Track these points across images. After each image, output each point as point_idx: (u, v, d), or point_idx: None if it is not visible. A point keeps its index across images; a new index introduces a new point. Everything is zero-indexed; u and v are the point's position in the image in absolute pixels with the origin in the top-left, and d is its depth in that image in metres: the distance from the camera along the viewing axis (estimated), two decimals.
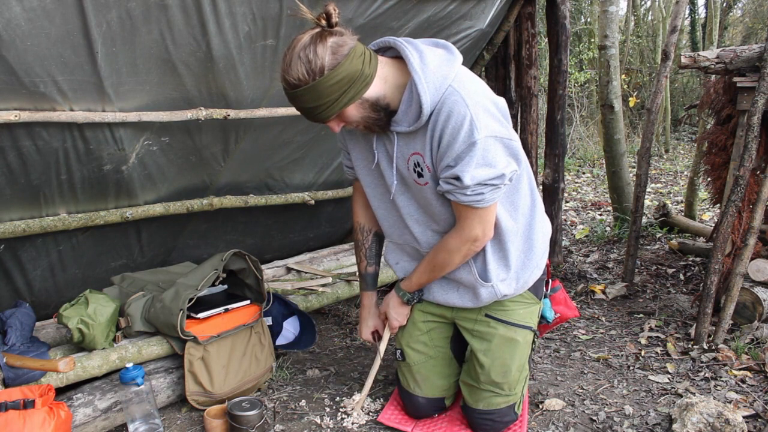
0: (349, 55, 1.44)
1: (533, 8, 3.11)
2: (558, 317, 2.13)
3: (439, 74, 1.51)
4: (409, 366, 1.97)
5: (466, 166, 1.49)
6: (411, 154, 1.63)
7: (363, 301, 2.07)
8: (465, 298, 1.84)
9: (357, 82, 1.47)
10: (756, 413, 1.98)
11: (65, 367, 1.71)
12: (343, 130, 1.81)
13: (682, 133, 9.88)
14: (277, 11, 1.97)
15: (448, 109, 1.49)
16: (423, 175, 1.63)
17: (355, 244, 2.04)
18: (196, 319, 2.07)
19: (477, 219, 1.61)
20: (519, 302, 1.87)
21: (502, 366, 1.83)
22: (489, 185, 1.53)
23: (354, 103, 1.51)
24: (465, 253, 1.70)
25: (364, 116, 1.56)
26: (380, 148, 1.72)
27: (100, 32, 1.70)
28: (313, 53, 1.41)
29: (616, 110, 4.39)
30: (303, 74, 1.42)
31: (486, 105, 1.53)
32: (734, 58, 2.54)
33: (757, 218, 2.43)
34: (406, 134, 1.62)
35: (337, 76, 1.43)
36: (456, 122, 1.48)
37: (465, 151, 1.49)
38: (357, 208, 2.01)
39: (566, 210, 5.49)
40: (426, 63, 1.52)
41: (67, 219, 2.15)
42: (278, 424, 1.99)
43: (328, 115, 1.51)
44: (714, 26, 8.23)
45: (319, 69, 1.41)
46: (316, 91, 1.44)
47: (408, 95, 1.55)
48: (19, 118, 1.74)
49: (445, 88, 1.51)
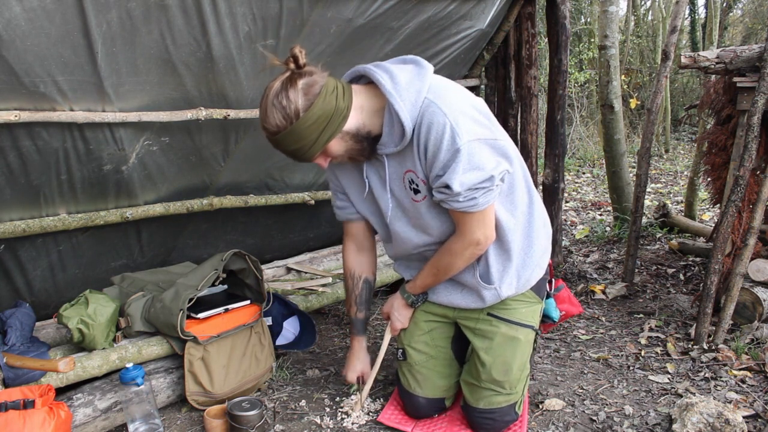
0: (321, 94, 1.48)
1: (533, 8, 3.11)
2: (563, 314, 2.14)
3: (412, 90, 1.53)
4: (410, 365, 1.98)
5: (454, 174, 1.51)
6: (405, 172, 1.65)
7: (353, 345, 2.08)
8: (469, 299, 1.86)
9: (334, 117, 1.51)
10: (756, 413, 1.98)
11: (65, 367, 1.72)
12: (333, 167, 1.84)
13: (682, 133, 9.88)
14: (277, 11, 1.97)
15: (428, 121, 1.51)
16: (420, 191, 1.65)
17: (345, 289, 2.07)
18: (196, 319, 2.07)
19: (476, 223, 1.63)
20: (521, 301, 1.89)
21: (504, 364, 1.84)
22: (480, 188, 1.54)
23: (335, 138, 1.55)
24: (468, 256, 1.71)
25: (347, 149, 1.60)
26: (371, 174, 1.75)
27: (100, 32, 1.70)
28: (286, 98, 1.46)
29: (616, 110, 4.39)
30: (280, 120, 1.48)
31: (464, 110, 1.54)
32: (734, 58, 2.54)
33: (757, 218, 2.43)
34: (396, 155, 1.64)
35: (312, 117, 1.48)
36: (437, 132, 1.50)
37: (450, 159, 1.50)
38: (348, 253, 2.02)
39: (566, 210, 5.49)
40: (397, 82, 1.54)
41: (67, 219, 2.15)
42: (278, 424, 1.99)
43: (312, 154, 1.56)
44: (714, 26, 8.23)
45: (294, 113, 1.46)
46: (295, 134, 1.49)
47: (388, 117, 1.57)
48: (19, 118, 1.75)
49: (421, 101, 1.53)
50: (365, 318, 2.06)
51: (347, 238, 2.00)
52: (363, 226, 1.96)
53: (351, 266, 2.01)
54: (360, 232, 1.97)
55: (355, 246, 2.00)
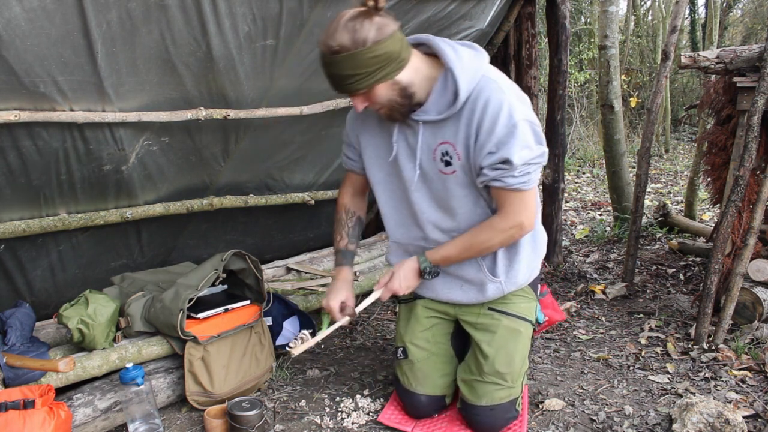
0: (391, 35, 1.50)
1: (533, 8, 3.11)
2: (546, 320, 2.17)
3: (472, 66, 1.60)
4: (411, 363, 1.98)
5: (512, 148, 1.56)
6: (439, 143, 1.68)
7: (340, 275, 1.94)
8: (470, 293, 1.88)
9: (393, 61, 1.52)
10: (756, 413, 1.98)
11: (65, 367, 1.71)
12: (359, 124, 1.86)
13: (682, 133, 9.88)
14: (277, 11, 1.97)
15: (486, 96, 1.57)
16: (451, 164, 1.68)
17: (336, 222, 2.04)
18: (196, 319, 2.07)
19: (522, 205, 1.67)
20: (520, 296, 1.93)
21: (507, 355, 1.86)
22: (533, 164, 1.61)
23: (386, 82, 1.55)
24: (507, 237, 1.73)
25: (390, 99, 1.60)
26: (401, 140, 1.75)
27: (100, 32, 1.70)
28: (360, 25, 1.46)
29: (616, 110, 4.39)
30: (347, 41, 1.46)
31: (517, 93, 1.63)
32: (734, 58, 2.54)
33: (757, 218, 2.43)
34: (434, 123, 1.66)
35: (377, 50, 1.48)
36: (494, 108, 1.56)
37: (507, 135, 1.56)
38: (345, 193, 2.04)
39: (566, 210, 5.49)
40: (460, 56, 1.60)
41: (67, 219, 2.15)
42: (278, 424, 1.99)
43: (361, 87, 1.54)
44: (714, 26, 8.22)
45: (362, 40, 1.46)
46: (355, 59, 1.48)
47: (441, 84, 1.61)
48: (19, 118, 1.74)
49: (479, 77, 1.59)
50: (354, 251, 2.04)
51: (347, 182, 2.04)
52: (363, 180, 1.99)
53: (346, 203, 2.04)
54: (360, 182, 2.01)
55: (352, 190, 2.04)
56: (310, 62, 2.25)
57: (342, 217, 2.03)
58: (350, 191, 2.04)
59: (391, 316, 2.99)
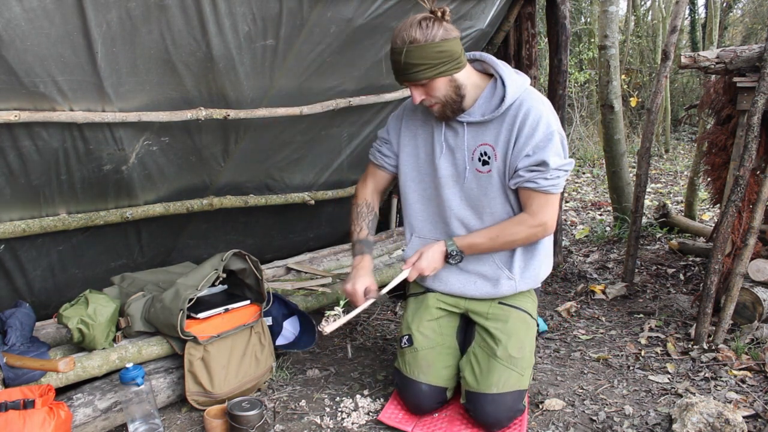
0: (455, 38, 1.74)
1: (533, 8, 3.11)
2: None
3: (519, 80, 1.84)
4: (415, 351, 1.99)
5: (548, 153, 1.77)
6: (479, 144, 1.87)
7: (362, 262, 1.98)
8: (483, 288, 1.99)
9: (454, 60, 1.74)
10: (756, 413, 1.98)
11: (65, 367, 1.72)
12: (404, 123, 2.03)
13: (682, 133, 9.88)
14: (277, 11, 1.97)
15: (528, 105, 1.80)
16: (488, 163, 1.87)
17: (357, 215, 2.12)
18: (196, 319, 2.07)
19: (548, 206, 1.84)
20: (527, 296, 2.05)
21: (519, 341, 1.93)
22: (562, 170, 1.80)
23: (446, 77, 1.76)
24: (531, 234, 1.88)
25: (447, 94, 1.79)
26: (445, 139, 1.92)
27: (100, 32, 1.70)
28: (431, 25, 1.69)
29: (616, 110, 4.39)
30: (418, 35, 1.68)
31: (552, 110, 1.86)
32: (734, 58, 2.54)
33: (757, 218, 2.43)
34: (477, 125, 1.86)
35: (444, 46, 1.70)
36: (535, 116, 1.78)
37: (544, 140, 1.77)
38: (365, 187, 2.15)
39: (566, 210, 5.49)
40: (510, 71, 1.85)
41: (67, 219, 2.15)
42: (278, 424, 1.99)
43: (422, 77, 1.73)
44: (714, 26, 8.22)
45: (432, 36, 1.69)
46: (424, 51, 1.69)
47: (489, 91, 1.84)
48: (19, 118, 1.75)
49: (523, 89, 1.83)
50: (373, 242, 2.14)
51: (370, 178, 2.16)
52: (387, 178, 2.14)
53: (366, 197, 2.14)
54: (384, 179, 2.14)
55: (374, 186, 2.16)
56: (310, 62, 2.25)
57: (363, 210, 2.12)
58: (372, 187, 2.15)
59: (391, 316, 2.99)
